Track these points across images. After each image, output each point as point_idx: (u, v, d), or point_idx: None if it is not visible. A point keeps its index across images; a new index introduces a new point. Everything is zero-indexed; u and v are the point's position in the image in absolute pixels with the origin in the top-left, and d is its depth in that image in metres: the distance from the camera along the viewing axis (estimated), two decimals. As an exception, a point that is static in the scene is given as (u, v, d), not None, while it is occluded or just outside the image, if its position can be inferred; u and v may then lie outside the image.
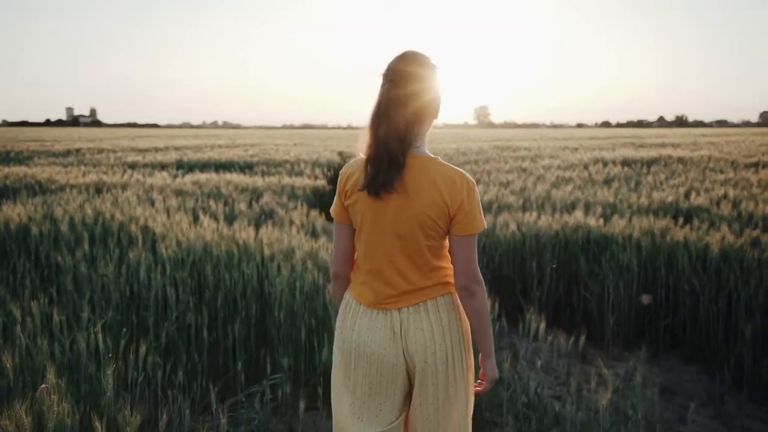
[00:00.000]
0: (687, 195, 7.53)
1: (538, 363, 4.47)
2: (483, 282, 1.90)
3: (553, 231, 5.84)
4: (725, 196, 7.30)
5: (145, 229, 5.39)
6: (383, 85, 1.85)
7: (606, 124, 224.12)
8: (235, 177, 9.59)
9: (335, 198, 1.98)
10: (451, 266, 1.92)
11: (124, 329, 3.68)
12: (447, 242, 1.92)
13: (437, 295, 1.91)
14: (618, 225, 5.67)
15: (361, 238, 1.92)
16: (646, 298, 4.36)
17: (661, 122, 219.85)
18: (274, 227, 5.67)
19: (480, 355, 2.01)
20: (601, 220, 5.90)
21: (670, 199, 7.15)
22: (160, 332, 3.93)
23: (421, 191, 1.81)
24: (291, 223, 6.37)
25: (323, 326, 4.07)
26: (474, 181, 1.88)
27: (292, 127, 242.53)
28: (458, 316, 1.94)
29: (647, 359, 4.98)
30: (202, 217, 5.60)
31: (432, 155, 1.90)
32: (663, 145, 19.13)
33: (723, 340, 4.60)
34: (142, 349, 3.04)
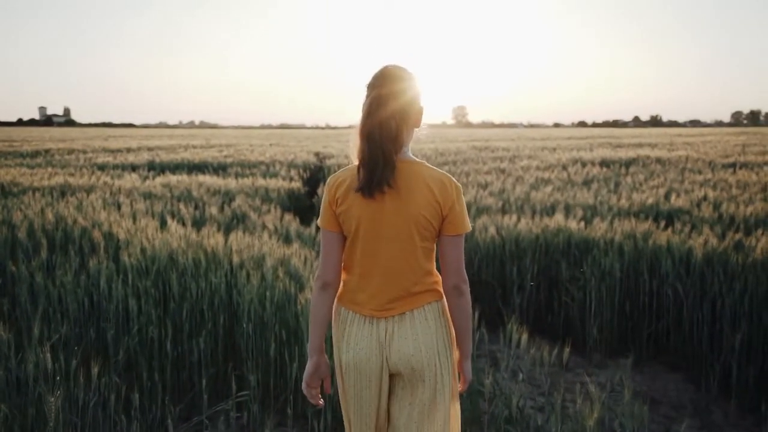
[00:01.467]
0: (667, 196, 7.44)
1: (520, 375, 4.32)
2: (468, 282, 1.98)
3: (534, 235, 5.69)
4: (705, 197, 7.22)
5: (109, 236, 5.13)
6: (369, 96, 1.92)
7: (582, 124, 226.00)
8: (208, 179, 9.32)
9: (323, 207, 2.00)
10: (438, 272, 2.00)
11: (76, 347, 3.42)
12: (435, 246, 1.98)
13: (425, 303, 1.95)
14: (599, 228, 5.54)
15: (356, 244, 1.95)
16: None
17: (637, 122, 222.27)
18: (245, 233, 5.45)
19: (458, 356, 2.05)
20: (582, 224, 5.76)
21: (650, 201, 7.05)
22: (120, 347, 3.70)
23: (415, 192, 1.88)
24: (264, 227, 6.15)
25: (295, 338, 3.86)
26: (459, 184, 1.96)
27: (270, 126, 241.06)
28: (445, 323, 1.99)
29: (630, 366, 4.85)
30: (169, 222, 5.35)
31: (418, 159, 1.98)
32: (640, 145, 19.16)
33: (708, 347, 4.48)
34: (95, 370, 2.80)
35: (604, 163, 11.87)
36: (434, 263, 2.00)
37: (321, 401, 2.09)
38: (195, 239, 4.91)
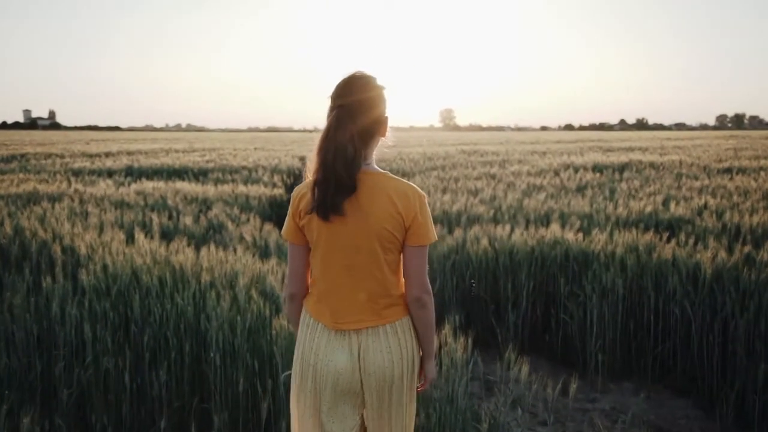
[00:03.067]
0: (665, 204, 7.12)
1: (519, 409, 3.96)
2: (431, 293, 1.96)
3: (529, 247, 5.33)
4: (706, 205, 6.90)
5: (70, 251, 4.72)
6: (331, 109, 1.89)
7: (569, 127, 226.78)
8: (186, 186, 8.89)
9: (287, 220, 1.99)
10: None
11: (7, 391, 3.00)
12: (401, 257, 1.96)
13: (396, 319, 1.95)
14: (599, 240, 5.19)
15: (317, 257, 1.94)
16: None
17: (623, 125, 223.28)
18: (218, 246, 5.05)
19: (422, 357, 2.06)
20: (580, 235, 5.41)
21: (648, 209, 6.72)
22: (72, 380, 3.30)
23: (376, 205, 1.86)
24: (241, 239, 5.75)
25: (270, 366, 3.48)
26: (425, 194, 1.94)
27: (257, 129, 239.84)
28: (413, 338, 1.99)
29: (634, 390, 4.50)
30: (137, 234, 4.94)
31: (381, 170, 1.95)
32: (630, 149, 18.93)
33: (719, 371, 4.14)
34: (26, 419, 2.40)
35: (597, 168, 11.56)
36: (401, 276, 1.99)
37: None
38: (163, 254, 4.51)
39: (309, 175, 1.92)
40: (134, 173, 11.77)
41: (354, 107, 1.86)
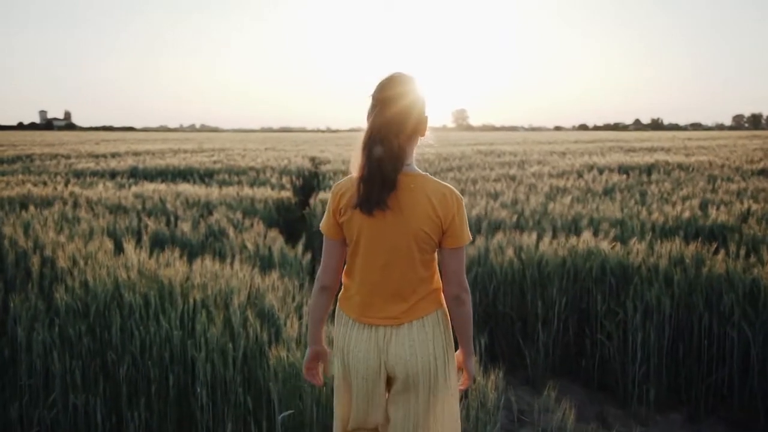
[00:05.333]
0: (703, 209, 6.54)
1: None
2: (469, 290, 2.02)
3: (559, 258, 4.79)
4: (750, 211, 6.32)
5: (51, 263, 4.24)
6: (374, 107, 1.91)
7: (583, 127, 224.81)
8: (188, 188, 8.41)
9: (327, 215, 2.02)
10: (439, 280, 2.03)
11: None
12: (436, 256, 2.01)
13: (424, 314, 1.98)
14: (638, 251, 4.64)
15: (357, 253, 1.99)
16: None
17: (638, 125, 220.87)
18: (216, 257, 4.56)
19: (461, 354, 2.12)
20: (616, 244, 4.86)
21: (686, 214, 6.15)
22: (33, 420, 2.81)
23: (415, 207, 1.90)
24: (242, 247, 5.25)
25: (266, 405, 2.98)
26: (461, 196, 1.97)
27: (270, 130, 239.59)
28: (444, 330, 2.02)
29: (683, 423, 3.96)
30: (126, 243, 4.45)
31: (421, 171, 1.98)
32: (653, 149, 18.26)
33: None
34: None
35: (623, 170, 10.96)
36: (435, 271, 2.02)
37: (320, 380, 2.21)
38: (153, 267, 4.02)
39: (353, 172, 1.93)
40: (138, 174, 11.33)
41: (397, 105, 1.88)
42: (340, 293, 2.09)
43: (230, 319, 3.32)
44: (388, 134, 1.86)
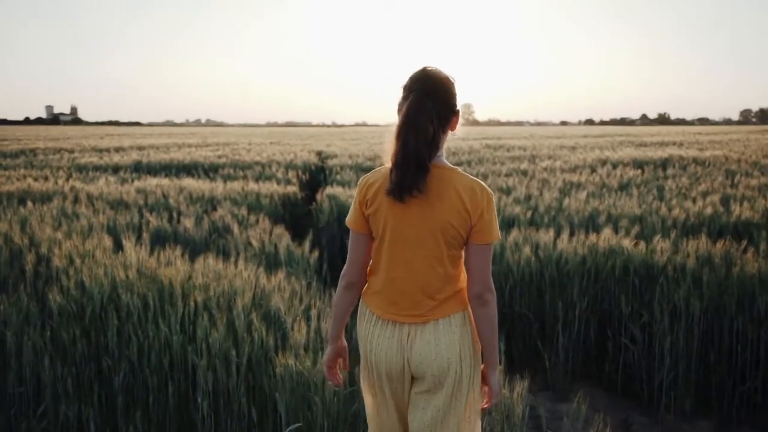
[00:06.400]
0: (725, 205, 6.30)
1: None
2: (494, 291, 1.93)
3: (579, 256, 4.56)
4: (775, 207, 6.07)
5: (46, 261, 4.04)
6: (405, 97, 1.88)
7: (590, 122, 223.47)
8: (192, 183, 8.20)
9: (353, 208, 1.99)
10: (466, 279, 1.96)
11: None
12: (463, 253, 1.94)
13: (451, 314, 1.92)
14: (663, 249, 4.40)
15: (383, 247, 1.94)
16: None
17: (644, 120, 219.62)
18: (219, 255, 4.36)
19: (484, 367, 2.00)
20: (639, 243, 4.61)
21: (708, 210, 5.91)
22: (22, 430, 2.61)
23: (444, 199, 1.86)
24: (247, 245, 5.04)
25: (272, 418, 2.77)
26: (492, 192, 1.90)
27: (275, 125, 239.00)
28: (470, 332, 1.94)
29: (714, 433, 3.74)
30: (125, 241, 4.25)
31: (451, 165, 1.92)
32: (665, 144, 17.92)
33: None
34: None
35: (636, 164, 10.70)
36: (462, 270, 1.96)
37: (340, 379, 2.16)
38: (153, 266, 3.82)
39: (386, 161, 1.88)
40: (142, 169, 11.13)
41: (432, 93, 1.85)
42: (365, 288, 2.04)
43: (234, 323, 3.11)
44: (424, 120, 1.81)
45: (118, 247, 4.40)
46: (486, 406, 2.03)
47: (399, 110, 1.88)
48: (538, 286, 4.61)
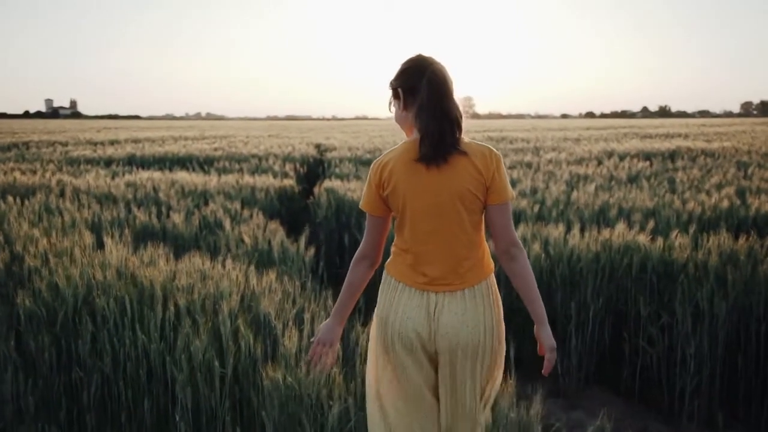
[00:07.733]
0: (741, 198, 6.00)
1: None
2: (522, 247, 1.96)
3: (592, 253, 4.27)
4: (795, 200, 5.77)
5: (19, 261, 3.76)
6: (414, 79, 1.94)
7: (590, 115, 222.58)
8: (185, 176, 7.90)
9: (368, 192, 2.01)
10: (487, 249, 2.01)
11: None
12: (483, 218, 1.99)
13: (476, 283, 1.94)
14: (682, 245, 4.11)
15: (404, 222, 1.97)
16: None
17: (645, 113, 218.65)
18: (208, 253, 4.07)
19: (536, 327, 1.98)
20: (655, 239, 4.32)
21: (724, 204, 5.62)
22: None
23: (458, 167, 1.91)
24: (239, 242, 4.75)
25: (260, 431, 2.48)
26: (500, 153, 1.97)
27: (276, 118, 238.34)
28: (493, 302, 1.97)
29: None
30: (107, 238, 3.96)
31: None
32: (670, 136, 17.61)
33: None
34: None
35: (645, 156, 10.39)
36: (483, 234, 2.00)
37: (324, 366, 2.09)
38: (135, 264, 3.53)
39: (410, 135, 1.99)
40: (135, 162, 10.84)
41: (438, 76, 1.93)
42: (389, 260, 2.05)
43: (218, 329, 2.83)
44: (443, 97, 1.91)
45: (100, 244, 4.11)
46: (549, 365, 1.93)
47: (404, 91, 1.95)
48: (549, 285, 4.32)
